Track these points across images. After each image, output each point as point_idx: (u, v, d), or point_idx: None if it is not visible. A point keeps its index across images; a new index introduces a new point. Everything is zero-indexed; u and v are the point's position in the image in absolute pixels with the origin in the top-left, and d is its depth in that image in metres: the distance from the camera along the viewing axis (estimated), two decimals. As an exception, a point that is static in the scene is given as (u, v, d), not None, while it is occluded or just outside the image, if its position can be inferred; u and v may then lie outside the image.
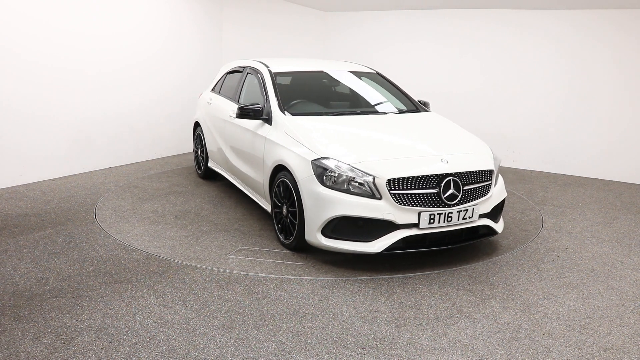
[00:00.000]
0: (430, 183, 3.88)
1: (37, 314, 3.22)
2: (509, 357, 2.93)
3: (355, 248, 3.87)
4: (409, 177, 3.84)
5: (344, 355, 2.89)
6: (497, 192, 4.35)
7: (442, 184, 3.88)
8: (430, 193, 3.87)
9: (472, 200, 4.05)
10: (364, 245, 3.85)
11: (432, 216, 3.87)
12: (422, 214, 3.84)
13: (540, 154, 8.11)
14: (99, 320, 3.17)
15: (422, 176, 3.87)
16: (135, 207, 5.50)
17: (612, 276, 4.11)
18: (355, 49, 9.52)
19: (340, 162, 3.91)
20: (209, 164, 6.45)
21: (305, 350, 2.94)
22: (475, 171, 4.08)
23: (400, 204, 3.80)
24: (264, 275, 3.87)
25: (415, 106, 5.35)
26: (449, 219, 3.93)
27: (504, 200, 4.49)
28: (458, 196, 3.93)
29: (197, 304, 3.42)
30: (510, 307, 3.53)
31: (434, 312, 3.41)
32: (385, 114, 5.11)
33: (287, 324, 3.21)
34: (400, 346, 3.00)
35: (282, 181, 4.31)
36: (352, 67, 5.86)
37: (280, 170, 4.39)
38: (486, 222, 4.21)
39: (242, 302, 3.47)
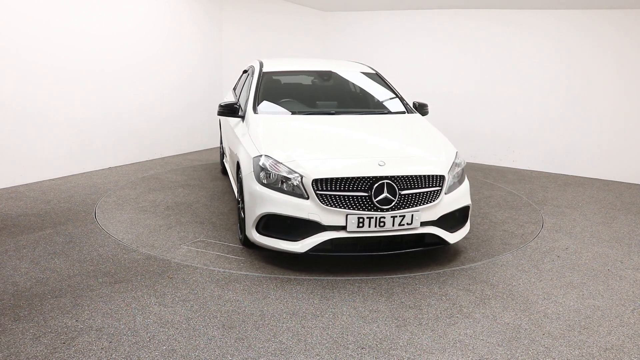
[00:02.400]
0: (361, 185, 3.74)
1: (37, 314, 3.22)
2: (509, 357, 2.93)
3: (282, 246, 3.86)
4: (336, 178, 3.73)
5: (344, 355, 2.89)
6: (453, 199, 4.05)
7: (374, 187, 3.73)
8: (360, 196, 3.72)
9: (412, 206, 3.82)
10: (291, 244, 3.83)
11: (361, 220, 3.71)
12: (349, 216, 3.70)
13: (540, 154, 8.11)
14: (99, 320, 3.17)
15: (351, 178, 3.73)
16: (140, 196, 5.67)
17: (612, 276, 4.11)
18: (355, 48, 9.52)
19: (274, 160, 3.92)
20: (224, 159, 6.70)
21: (305, 350, 2.94)
22: (417, 176, 3.84)
23: (326, 204, 3.71)
24: (204, 267, 3.88)
25: (404, 107, 5.21)
26: (382, 224, 3.75)
27: (466, 209, 4.22)
28: (393, 201, 3.74)
29: (197, 304, 3.42)
30: (510, 307, 3.53)
31: (434, 312, 3.41)
32: (362, 114, 5.00)
33: (287, 324, 3.21)
34: (400, 346, 3.00)
35: (239, 177, 4.43)
36: (350, 66, 5.85)
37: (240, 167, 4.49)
38: (432, 230, 3.94)
39: (242, 302, 3.47)
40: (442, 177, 3.94)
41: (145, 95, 7.65)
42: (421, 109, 5.32)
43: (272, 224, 3.89)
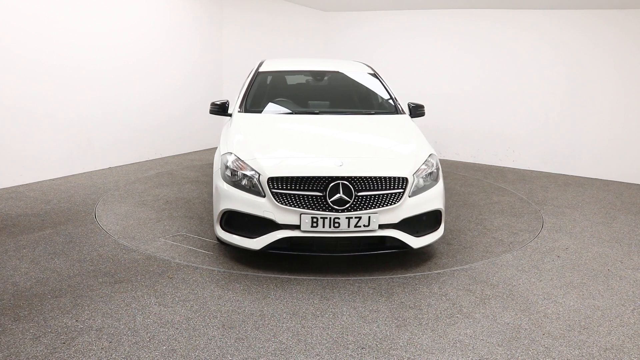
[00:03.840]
0: (316, 185, 3.70)
1: (37, 314, 3.22)
2: (509, 357, 2.93)
3: (240, 243, 3.91)
4: (291, 177, 3.72)
5: (344, 355, 2.89)
6: (419, 202, 3.92)
7: (329, 188, 3.69)
8: (315, 195, 3.69)
9: (369, 208, 3.74)
10: (248, 241, 3.87)
11: (315, 219, 3.68)
12: (303, 215, 3.68)
13: (540, 154, 8.11)
14: (99, 320, 3.17)
15: (306, 177, 3.71)
16: (147, 190, 5.82)
17: (612, 276, 4.11)
18: (355, 48, 9.53)
19: (237, 157, 3.97)
20: None
21: (305, 350, 2.94)
22: (377, 177, 3.76)
23: (281, 203, 3.71)
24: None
25: (394, 108, 5.15)
26: (336, 225, 3.70)
27: (436, 213, 4.09)
28: (348, 202, 3.69)
29: (197, 304, 3.42)
30: (510, 307, 3.53)
31: (434, 312, 3.41)
32: (348, 114, 4.96)
33: (287, 324, 3.21)
34: (400, 346, 3.00)
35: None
36: (349, 66, 5.84)
37: None
38: (393, 233, 3.83)
39: (242, 302, 3.47)
40: (404, 179, 3.83)
41: (145, 95, 7.65)
42: (415, 110, 5.24)
43: (233, 220, 3.95)
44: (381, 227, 3.80)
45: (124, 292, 3.55)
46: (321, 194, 3.69)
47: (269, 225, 3.77)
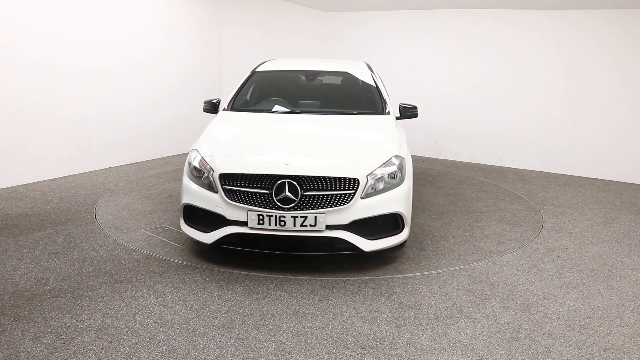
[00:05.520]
0: (264, 183, 3.74)
1: (37, 314, 3.22)
2: (509, 357, 2.93)
3: (196, 236, 4.03)
4: (240, 174, 3.78)
5: (344, 355, 2.89)
6: (374, 204, 3.82)
7: (276, 186, 3.70)
8: (262, 193, 3.73)
9: (317, 208, 3.71)
10: (202, 234, 3.98)
11: (261, 217, 3.71)
12: (249, 212, 3.74)
13: (540, 154, 8.11)
14: (99, 320, 3.17)
15: (254, 175, 3.75)
16: (158, 184, 5.98)
17: (612, 276, 4.11)
18: (355, 48, 9.53)
19: (198, 154, 4.11)
20: None
21: (305, 350, 2.94)
22: (325, 177, 3.72)
23: (231, 199, 3.78)
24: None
25: (381, 108, 5.04)
26: (282, 224, 3.71)
27: (395, 216, 3.96)
28: (295, 201, 3.69)
29: (197, 304, 3.42)
30: (510, 307, 3.53)
31: (434, 312, 3.41)
32: (329, 114, 4.93)
33: (287, 324, 3.21)
34: (400, 346, 3.00)
35: None
36: (345, 66, 5.82)
37: None
38: (341, 234, 3.78)
39: (242, 302, 3.47)
40: (355, 180, 3.77)
41: (145, 95, 7.65)
42: (406, 111, 5.14)
43: (193, 215, 4.10)
44: (330, 228, 3.76)
45: (124, 292, 3.55)
46: (268, 192, 3.73)
47: (221, 220, 3.86)
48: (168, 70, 7.99)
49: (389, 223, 3.99)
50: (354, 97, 5.42)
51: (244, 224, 3.79)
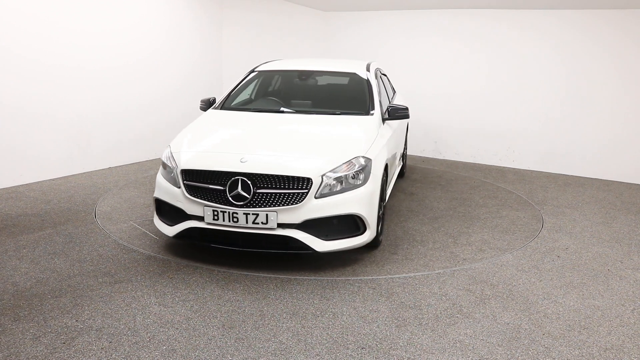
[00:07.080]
0: (219, 180, 3.83)
1: (37, 314, 3.22)
2: (509, 357, 2.93)
3: (162, 229, 4.18)
4: (198, 170, 3.91)
5: (344, 355, 2.89)
6: (330, 204, 3.78)
7: (229, 183, 3.78)
8: (217, 189, 3.82)
9: (269, 206, 3.73)
10: (167, 228, 4.13)
11: (216, 212, 3.81)
12: (205, 208, 3.84)
13: (540, 154, 8.11)
14: (99, 320, 3.17)
15: (210, 171, 3.87)
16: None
17: (612, 276, 4.11)
18: (356, 48, 9.52)
19: (169, 150, 4.25)
20: None
21: (305, 350, 2.94)
22: (278, 175, 3.75)
23: (190, 194, 3.90)
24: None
25: (366, 109, 4.98)
26: (235, 220, 3.77)
27: (353, 218, 3.88)
28: (247, 198, 3.73)
29: (197, 304, 3.42)
30: (510, 307, 3.53)
31: (434, 312, 3.41)
32: (312, 114, 4.93)
33: (287, 324, 3.21)
34: (400, 346, 3.00)
35: None
36: (343, 66, 5.82)
37: None
38: (294, 233, 3.77)
39: (242, 302, 3.47)
40: (308, 180, 3.76)
41: (145, 95, 7.65)
42: (394, 112, 4.99)
43: (161, 208, 4.23)
44: (283, 226, 3.78)
45: (124, 292, 3.55)
46: (222, 189, 3.81)
47: (182, 215, 3.98)
48: (168, 70, 7.98)
49: (347, 224, 3.93)
50: (342, 98, 5.42)
51: (202, 219, 3.90)
